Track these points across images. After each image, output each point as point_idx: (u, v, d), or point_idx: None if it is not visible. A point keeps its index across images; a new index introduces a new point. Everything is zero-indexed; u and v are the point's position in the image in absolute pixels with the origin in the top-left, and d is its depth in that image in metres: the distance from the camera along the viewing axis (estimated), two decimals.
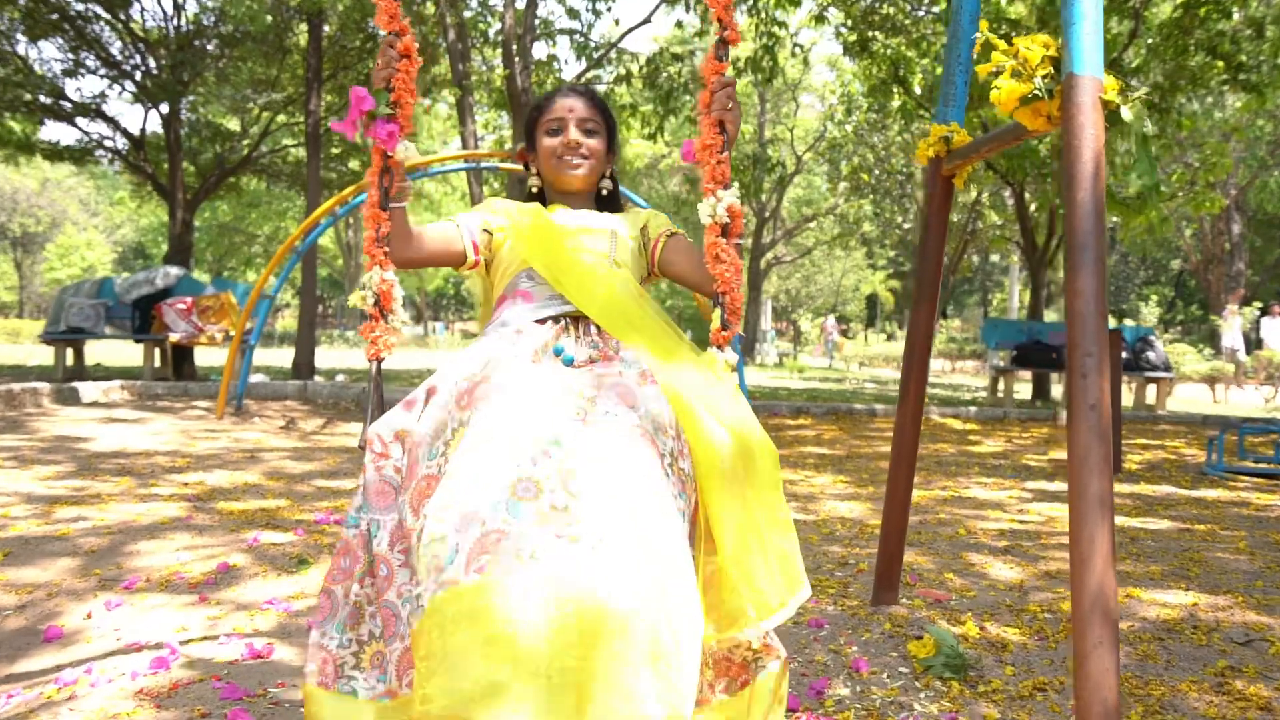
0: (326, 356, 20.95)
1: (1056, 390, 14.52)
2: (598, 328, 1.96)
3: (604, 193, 2.26)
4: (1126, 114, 1.95)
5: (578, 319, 1.98)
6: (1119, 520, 4.85)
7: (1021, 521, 4.70)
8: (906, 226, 21.12)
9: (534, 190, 2.27)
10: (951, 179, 2.82)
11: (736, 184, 1.95)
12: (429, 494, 1.68)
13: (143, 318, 12.10)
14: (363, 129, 1.93)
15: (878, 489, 5.63)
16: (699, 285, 2.04)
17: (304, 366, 11.21)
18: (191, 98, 14.41)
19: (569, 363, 1.87)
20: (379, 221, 1.96)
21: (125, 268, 44.78)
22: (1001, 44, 2.10)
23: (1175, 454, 7.97)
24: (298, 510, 4.43)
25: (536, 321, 1.96)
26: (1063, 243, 11.84)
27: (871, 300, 45.75)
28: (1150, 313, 30.42)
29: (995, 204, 19.78)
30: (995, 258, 32.67)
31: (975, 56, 2.45)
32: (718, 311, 1.91)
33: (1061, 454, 7.69)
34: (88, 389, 8.94)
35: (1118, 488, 5.96)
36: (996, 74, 2.16)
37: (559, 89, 2.24)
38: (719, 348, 1.90)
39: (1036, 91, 2.05)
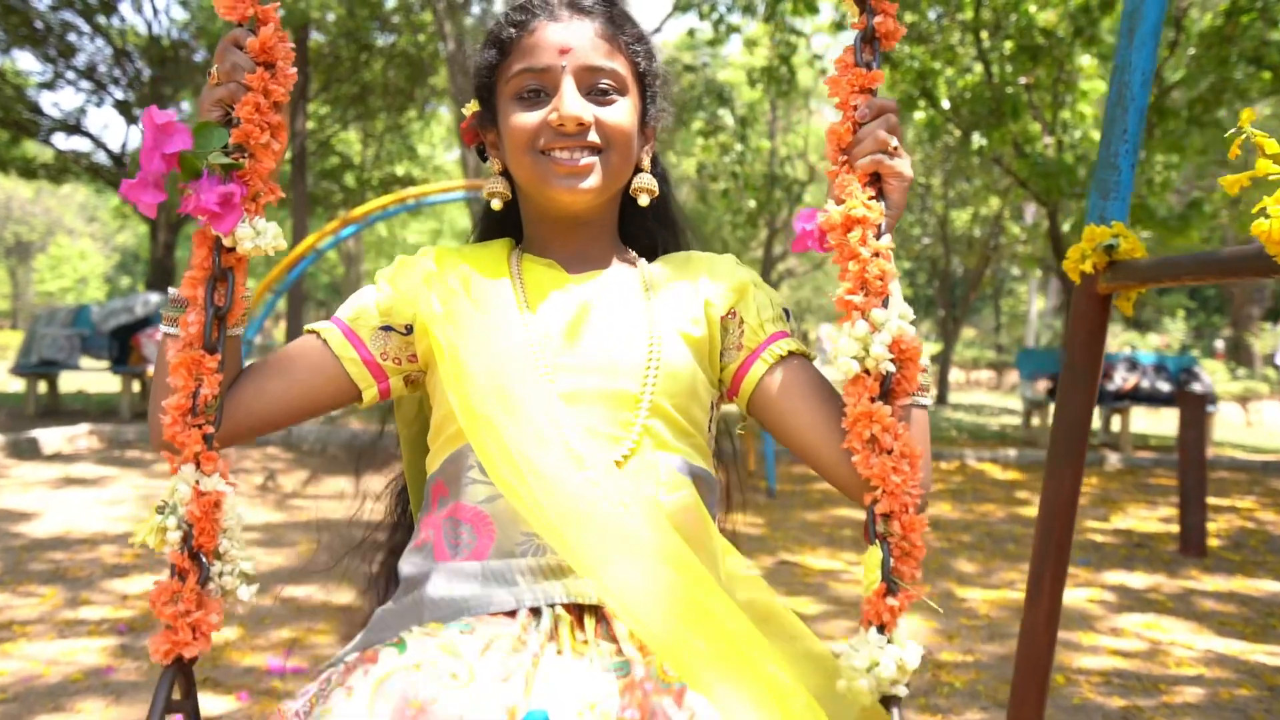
0: None
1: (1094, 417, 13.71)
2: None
3: (640, 204, 1.26)
4: None
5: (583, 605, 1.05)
6: (1234, 646, 4.07)
7: (1123, 653, 3.91)
8: (926, 241, 20.33)
9: (494, 210, 1.28)
10: (1110, 298, 2.05)
11: (901, 295, 1.08)
12: None
13: (122, 348, 11.37)
14: (176, 193, 1.07)
15: (934, 587, 4.85)
16: (831, 471, 1.12)
17: None
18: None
19: None
20: (198, 374, 1.06)
21: (125, 271, 44.09)
22: (1273, 145, 1.32)
23: (1252, 519, 7.18)
24: (248, 646, 3.65)
25: (496, 614, 1.04)
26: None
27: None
28: (1176, 328, 29.57)
29: (1014, 214, 18.99)
30: (1015, 270, 31.83)
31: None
32: (875, 552, 1.02)
33: (1124, 521, 6.89)
34: (50, 438, 8.19)
35: (1210, 583, 5.18)
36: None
37: None
38: (879, 629, 1.01)
39: None
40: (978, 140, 12.11)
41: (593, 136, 1.17)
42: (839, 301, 1.06)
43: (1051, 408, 12.37)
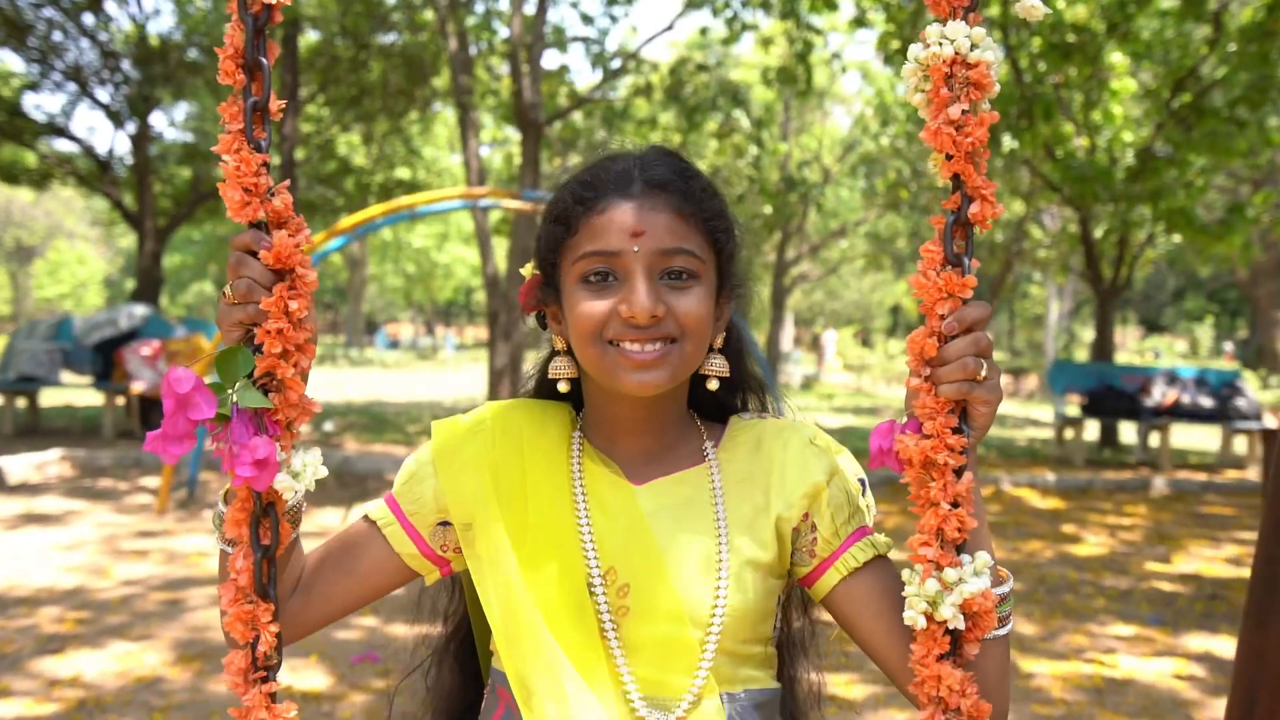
0: (323, 380, 19.64)
1: (1126, 431, 12.98)
2: None
3: (709, 385, 1.18)
4: None
5: None
6: None
7: None
8: None
9: (559, 389, 1.20)
10: None
11: (986, 532, 1.03)
12: None
13: (105, 363, 10.79)
14: (211, 446, 1.01)
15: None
16: (905, 691, 1.07)
17: None
18: (166, 118, 13.14)
19: None
20: (254, 627, 1.02)
21: (129, 274, 43.66)
22: None
23: None
24: None
25: None
26: (1128, 269, 10.01)
27: (893, 309, 44.26)
28: (1204, 333, 28.83)
29: (1033, 218, 18.31)
30: (1036, 275, 31.14)
31: None
32: None
33: (1189, 563, 6.24)
34: (16, 466, 7.61)
35: None
36: None
37: (606, 166, 1.15)
38: None
39: None
40: (1009, 143, 11.43)
41: (666, 327, 1.10)
42: (914, 546, 1.00)
43: (1086, 424, 11.76)
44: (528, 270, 1.21)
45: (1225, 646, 4.50)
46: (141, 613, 4.45)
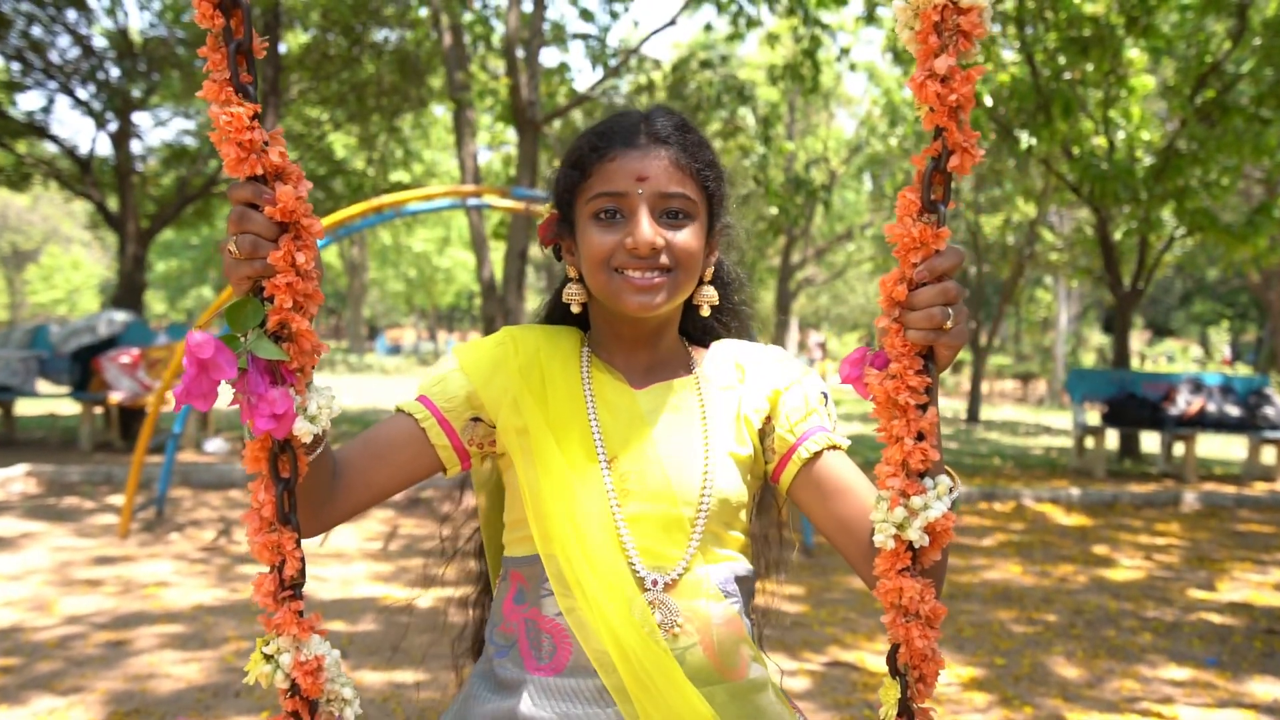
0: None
1: (1146, 440, 12.46)
2: None
3: (701, 312, 1.38)
4: None
5: None
6: None
7: None
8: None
9: (573, 311, 1.37)
10: None
11: (948, 477, 1.07)
12: None
13: (83, 371, 10.33)
14: (241, 404, 1.03)
15: (1037, 708, 3.73)
16: (858, 569, 1.23)
17: None
18: (152, 118, 12.69)
19: None
20: (281, 553, 1.07)
21: None
22: None
23: None
24: None
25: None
26: (1148, 273, 9.48)
27: None
28: (1219, 338, 28.26)
29: (1043, 220, 17.83)
30: (1048, 279, 30.59)
31: None
32: (894, 687, 1.10)
33: (1237, 590, 5.73)
34: None
35: None
36: None
37: (617, 121, 1.31)
38: None
39: None
40: (1026, 140, 10.93)
41: (664, 259, 1.26)
42: (880, 474, 1.07)
43: (1107, 433, 11.25)
44: (546, 209, 1.36)
45: None
46: (78, 658, 3.97)
